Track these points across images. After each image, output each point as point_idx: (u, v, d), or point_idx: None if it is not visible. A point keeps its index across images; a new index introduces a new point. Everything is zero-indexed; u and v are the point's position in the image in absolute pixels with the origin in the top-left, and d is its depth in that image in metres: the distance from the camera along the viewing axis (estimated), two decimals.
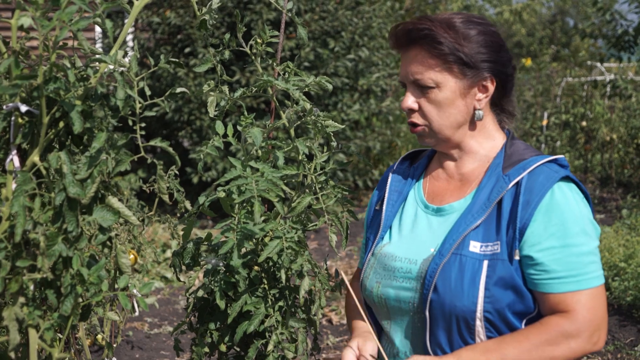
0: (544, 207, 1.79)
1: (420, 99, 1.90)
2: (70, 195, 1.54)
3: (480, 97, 1.91)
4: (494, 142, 1.96)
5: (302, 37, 1.99)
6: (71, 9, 1.51)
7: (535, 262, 1.79)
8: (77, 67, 1.72)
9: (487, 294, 1.78)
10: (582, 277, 1.79)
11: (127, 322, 5.72)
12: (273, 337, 1.89)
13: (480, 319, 1.78)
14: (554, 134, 13.12)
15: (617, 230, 7.99)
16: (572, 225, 1.79)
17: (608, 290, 6.16)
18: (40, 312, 1.58)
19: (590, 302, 1.78)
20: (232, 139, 1.91)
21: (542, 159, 1.86)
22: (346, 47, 9.99)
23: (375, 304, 1.96)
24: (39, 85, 1.54)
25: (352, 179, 10.55)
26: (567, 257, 1.78)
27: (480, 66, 1.88)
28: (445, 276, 1.80)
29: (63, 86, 1.58)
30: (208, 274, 1.91)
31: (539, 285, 1.80)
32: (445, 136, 1.92)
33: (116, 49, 1.72)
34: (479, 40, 1.88)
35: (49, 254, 1.53)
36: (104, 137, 1.61)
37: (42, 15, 1.51)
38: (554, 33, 34.39)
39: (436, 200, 1.98)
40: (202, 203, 1.94)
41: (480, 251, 1.80)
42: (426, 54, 1.87)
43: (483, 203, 1.85)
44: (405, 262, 1.91)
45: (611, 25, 12.96)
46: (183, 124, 9.62)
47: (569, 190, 1.83)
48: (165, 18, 9.65)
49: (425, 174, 2.06)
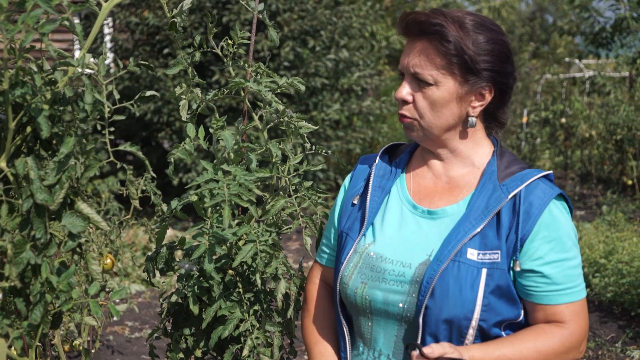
0: (544, 222, 1.81)
1: (416, 92, 1.87)
2: (38, 202, 1.51)
3: (476, 104, 1.88)
4: (483, 150, 1.95)
5: (273, 39, 1.97)
6: (36, 12, 1.48)
7: (538, 275, 1.81)
8: (45, 70, 1.69)
9: (485, 302, 1.78)
10: (576, 288, 1.84)
11: (107, 326, 5.68)
12: (248, 342, 1.87)
13: (474, 327, 1.78)
14: (534, 131, 13.18)
15: (597, 226, 8.04)
16: (566, 239, 1.84)
17: (589, 287, 6.19)
18: (9, 320, 1.56)
19: (581, 312, 1.84)
20: (203, 141, 1.89)
21: (538, 173, 1.88)
22: (326, 46, 9.99)
23: (357, 304, 1.92)
24: (5, 90, 1.51)
25: (334, 177, 10.54)
26: (564, 270, 1.82)
27: (482, 74, 1.84)
28: (444, 283, 1.79)
29: (30, 91, 1.55)
30: (182, 278, 1.89)
31: (536, 296, 1.82)
32: (434, 135, 1.90)
33: (84, 52, 1.69)
34: (487, 48, 1.84)
35: (17, 261, 1.50)
36: (72, 142, 1.58)
37: (6, 19, 1.48)
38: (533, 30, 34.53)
39: (424, 201, 1.95)
40: (175, 207, 1.91)
41: (478, 259, 1.80)
42: (432, 49, 1.83)
43: (481, 211, 1.84)
44: (398, 264, 1.87)
45: (589, 22, 13.03)
46: (163, 125, 9.57)
47: (562, 208, 1.87)
48: (143, 19, 9.59)
49: (408, 170, 2.02)
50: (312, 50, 9.80)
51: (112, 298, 1.59)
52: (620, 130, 10.76)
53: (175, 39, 1.91)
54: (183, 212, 2.01)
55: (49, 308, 1.59)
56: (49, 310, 1.59)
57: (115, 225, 3.36)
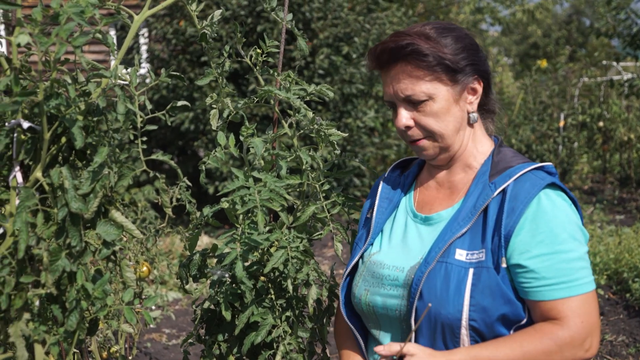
0: (530, 214, 1.79)
1: (414, 114, 1.90)
2: (73, 211, 1.54)
3: (472, 99, 1.93)
4: (483, 148, 1.97)
5: (303, 49, 1.99)
6: (69, 26, 1.52)
7: (525, 270, 1.78)
8: (79, 82, 1.73)
9: (473, 302, 1.76)
10: (573, 283, 1.77)
11: (145, 333, 5.73)
12: (281, 348, 1.88)
13: (466, 327, 1.77)
14: (572, 135, 13.04)
15: (637, 230, 7.93)
16: (560, 231, 1.78)
17: (628, 292, 6.10)
18: (45, 327, 1.59)
19: (581, 308, 1.76)
20: (234, 149, 1.91)
21: (529, 166, 1.86)
22: (360, 53, 10.00)
23: (364, 311, 1.96)
24: (40, 102, 1.55)
25: (368, 183, 10.54)
26: (557, 263, 1.77)
27: (466, 70, 1.89)
28: (431, 284, 1.80)
29: (64, 102, 1.59)
30: (214, 285, 1.91)
31: (529, 293, 1.78)
32: (448, 144, 1.91)
33: (117, 63, 1.72)
34: (458, 46, 1.89)
35: (53, 269, 1.53)
36: (105, 152, 1.61)
37: (40, 32, 1.52)
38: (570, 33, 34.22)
39: (425, 209, 1.98)
40: (207, 214, 1.94)
41: (466, 259, 1.80)
42: (412, 68, 1.87)
43: (469, 211, 1.85)
44: (393, 269, 1.90)
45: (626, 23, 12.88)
46: (199, 134, 9.65)
47: (556, 197, 1.82)
48: (179, 29, 9.69)
49: (417, 182, 2.07)
50: (347, 57, 9.81)
51: (146, 305, 1.62)
52: None
53: (207, 50, 1.94)
54: (219, 220, 2.03)
55: (85, 315, 1.62)
56: (85, 317, 1.62)
57: (151, 233, 3.40)
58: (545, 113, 13.52)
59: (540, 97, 13.90)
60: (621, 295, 6.17)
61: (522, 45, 34.99)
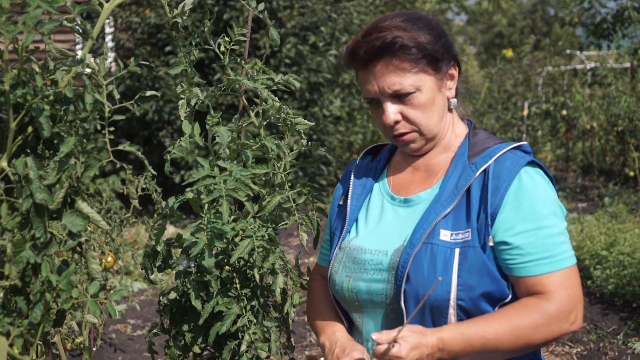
0: (513, 192, 1.82)
1: (401, 108, 1.91)
2: (37, 201, 1.53)
3: (451, 85, 1.96)
4: (459, 131, 2.00)
5: (274, 38, 1.99)
6: (36, 13, 1.50)
7: (510, 247, 1.80)
8: (48, 70, 1.70)
9: (460, 281, 1.79)
10: (556, 257, 1.80)
11: (109, 324, 5.70)
12: (246, 337, 1.89)
13: (454, 307, 1.79)
14: (535, 124, 13.18)
15: (599, 218, 8.05)
16: (541, 207, 1.82)
17: (590, 279, 6.20)
18: (9, 319, 1.58)
19: (566, 281, 1.80)
20: (199, 138, 1.91)
21: (507, 146, 1.90)
22: (327, 42, 9.99)
23: (346, 298, 1.96)
24: (6, 91, 1.53)
25: (334, 172, 10.56)
26: (540, 239, 1.80)
27: (444, 56, 1.91)
28: (418, 266, 1.81)
29: (31, 91, 1.57)
30: (179, 275, 1.91)
31: (514, 269, 1.81)
32: (433, 134, 1.94)
33: (85, 52, 1.70)
34: (432, 34, 1.91)
35: (17, 260, 1.52)
36: (72, 142, 1.60)
37: (7, 20, 1.50)
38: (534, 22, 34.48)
39: (402, 191, 2.00)
40: (172, 204, 1.93)
41: (451, 239, 1.82)
42: (398, 62, 1.87)
43: (451, 191, 1.87)
44: (376, 254, 1.91)
45: (590, 13, 13.02)
46: (164, 124, 9.59)
47: (535, 174, 1.86)
48: (144, 17, 9.61)
49: (389, 167, 2.08)
50: (313, 47, 9.80)
51: (111, 298, 1.61)
52: (621, 122, 10.76)
53: (176, 39, 1.93)
54: (183, 210, 2.03)
55: (50, 307, 1.61)
56: (50, 308, 1.61)
57: (116, 223, 3.38)
58: (509, 102, 13.65)
59: (504, 86, 14.03)
60: (583, 282, 6.27)
61: (487, 35, 35.18)
